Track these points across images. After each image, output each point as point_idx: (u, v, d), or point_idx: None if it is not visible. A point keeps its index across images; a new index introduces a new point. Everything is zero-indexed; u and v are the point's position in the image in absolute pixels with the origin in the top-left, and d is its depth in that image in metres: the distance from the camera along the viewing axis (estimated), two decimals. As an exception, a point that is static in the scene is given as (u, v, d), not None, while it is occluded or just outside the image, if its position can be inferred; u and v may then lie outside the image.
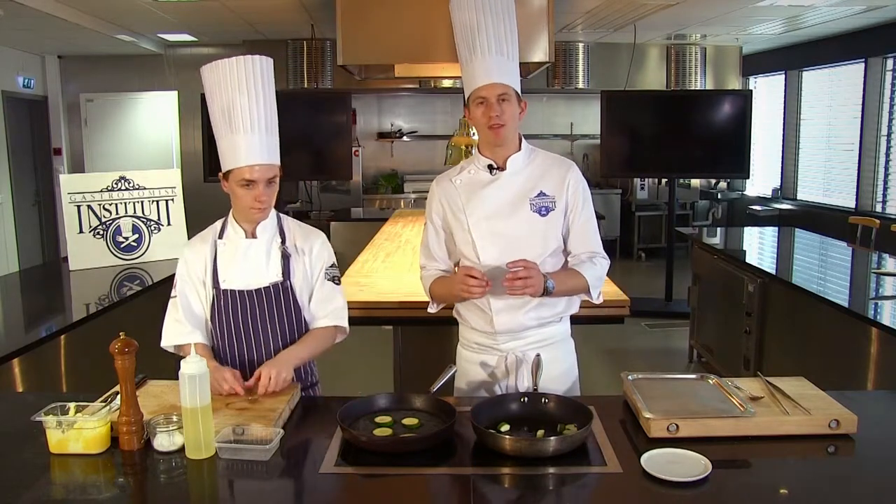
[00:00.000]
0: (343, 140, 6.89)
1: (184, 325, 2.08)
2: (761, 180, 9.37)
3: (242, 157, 1.99)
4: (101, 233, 4.08)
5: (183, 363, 1.64)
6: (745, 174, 7.02)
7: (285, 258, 2.11)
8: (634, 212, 9.50)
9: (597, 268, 2.15)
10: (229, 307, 2.09)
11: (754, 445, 1.70)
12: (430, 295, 2.27)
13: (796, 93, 8.68)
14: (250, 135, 1.99)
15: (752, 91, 7.74)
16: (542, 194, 2.12)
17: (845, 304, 3.34)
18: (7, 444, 1.74)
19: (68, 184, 4.05)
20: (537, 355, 2.08)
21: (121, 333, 1.68)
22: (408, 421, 1.80)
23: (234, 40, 8.48)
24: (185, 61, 9.03)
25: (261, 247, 2.10)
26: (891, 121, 7.09)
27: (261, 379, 1.93)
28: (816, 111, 8.40)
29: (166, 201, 4.28)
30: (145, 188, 4.21)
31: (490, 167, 2.13)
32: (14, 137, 8.12)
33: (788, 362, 3.81)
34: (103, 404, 1.80)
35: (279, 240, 2.12)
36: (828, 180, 8.19)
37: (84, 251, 4.01)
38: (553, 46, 4.86)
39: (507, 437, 1.68)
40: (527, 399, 1.89)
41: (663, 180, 8.80)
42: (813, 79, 8.46)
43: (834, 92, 8.07)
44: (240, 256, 2.09)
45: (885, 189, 7.21)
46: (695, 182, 9.56)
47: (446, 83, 7.23)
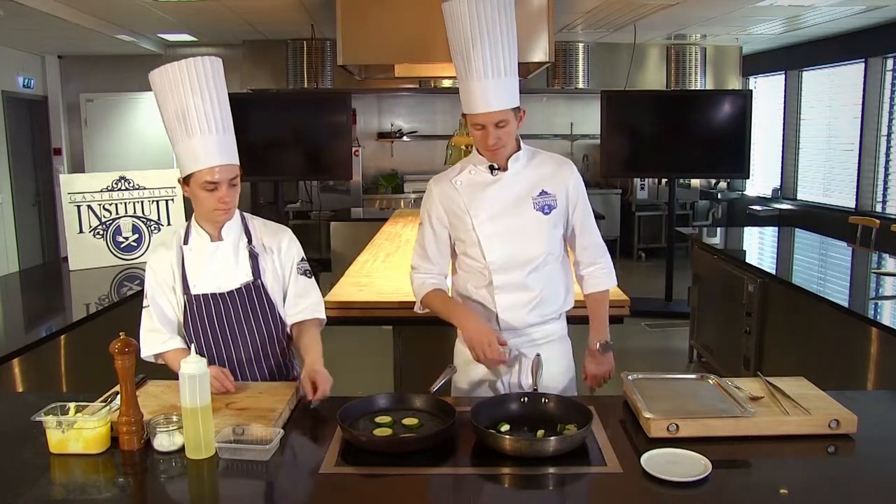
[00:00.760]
0: (343, 140, 6.89)
1: (161, 334, 2.07)
2: (761, 180, 9.37)
3: (202, 160, 1.96)
4: (101, 233, 4.08)
5: (183, 363, 1.64)
6: (745, 174, 7.02)
7: (254, 257, 2.11)
8: (634, 212, 9.50)
9: (602, 270, 2.27)
10: (202, 311, 2.08)
11: (754, 445, 1.70)
12: (419, 299, 2.26)
13: (796, 93, 8.68)
14: (208, 136, 1.96)
15: (752, 91, 7.74)
16: (543, 193, 2.14)
17: (845, 304, 3.34)
18: (7, 444, 1.74)
19: (68, 184, 4.05)
20: (537, 355, 2.10)
21: (121, 333, 1.68)
22: (408, 421, 1.80)
23: (234, 40, 8.47)
24: (185, 61, 9.02)
25: (228, 248, 2.08)
26: (891, 121, 7.09)
27: (317, 392, 1.92)
28: (816, 111, 8.40)
29: (166, 201, 4.28)
30: (145, 188, 4.21)
31: (491, 168, 2.14)
32: (14, 137, 8.12)
33: (788, 362, 3.81)
34: (103, 404, 1.80)
35: (245, 240, 2.11)
36: (828, 180, 8.19)
37: (84, 251, 4.01)
38: (553, 46, 4.86)
39: (507, 437, 1.68)
40: (527, 399, 1.89)
41: (663, 180, 8.80)
42: (813, 79, 8.46)
43: (834, 92, 8.06)
44: (207, 260, 2.07)
45: (885, 189, 7.21)
46: (695, 182, 9.56)
47: (446, 83, 7.23)
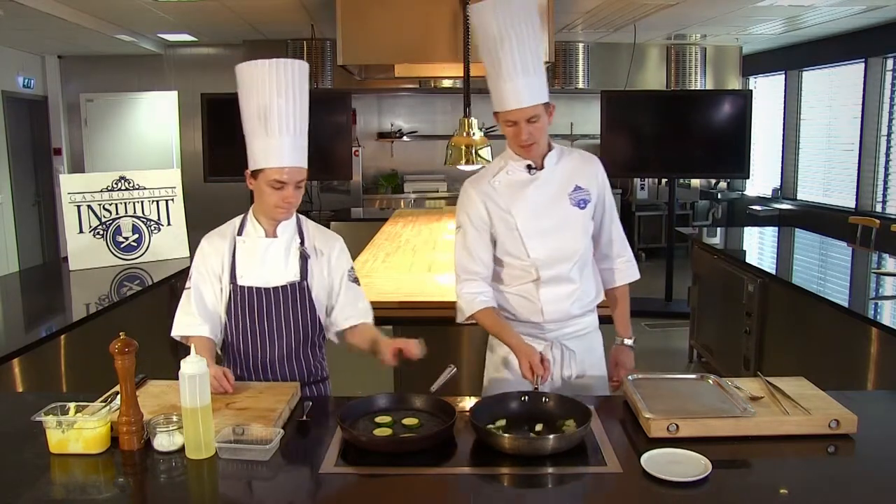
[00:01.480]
0: (343, 140, 6.88)
1: (194, 318, 2.10)
2: (761, 180, 9.37)
3: (274, 159, 2.02)
4: (101, 233, 4.07)
5: (183, 363, 1.64)
6: (745, 174, 7.02)
7: (304, 259, 2.14)
8: (634, 212, 9.50)
9: (628, 263, 2.34)
10: (245, 303, 2.11)
11: (754, 445, 1.70)
12: (466, 310, 2.23)
13: (796, 93, 8.68)
14: (284, 137, 2.02)
15: (752, 91, 7.74)
16: (578, 188, 2.20)
17: (845, 304, 3.34)
18: (7, 444, 1.74)
19: (68, 184, 4.05)
20: (539, 353, 2.10)
21: (121, 333, 1.68)
22: (408, 421, 1.80)
23: (234, 40, 8.48)
24: (185, 61, 9.03)
25: (280, 246, 2.12)
26: (891, 121, 7.09)
27: (414, 350, 1.99)
28: (816, 111, 8.40)
29: (166, 201, 4.28)
30: (145, 188, 4.21)
31: (528, 167, 2.18)
32: (14, 137, 8.12)
33: (788, 362, 3.81)
34: (103, 404, 1.80)
35: (298, 240, 2.15)
36: (828, 180, 8.19)
37: (84, 251, 4.01)
38: (553, 46, 4.86)
39: (506, 435, 1.68)
40: (527, 398, 1.90)
41: (663, 180, 8.80)
42: (813, 79, 8.46)
43: (834, 92, 8.06)
44: (259, 254, 2.11)
45: (885, 189, 7.21)
46: (695, 182, 9.56)
47: (446, 83, 7.24)
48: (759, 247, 5.33)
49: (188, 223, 4.41)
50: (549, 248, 2.16)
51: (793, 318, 3.80)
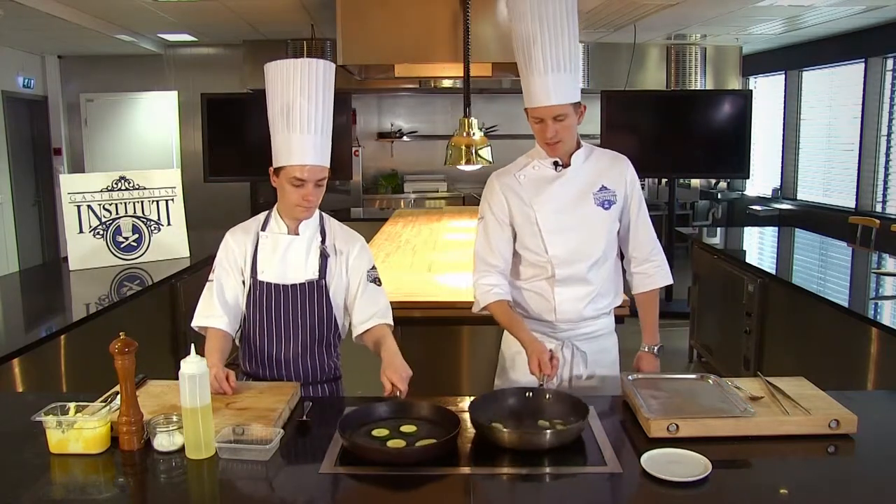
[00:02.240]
0: (343, 140, 6.87)
1: (214, 310, 2.13)
2: (761, 180, 9.37)
3: (296, 157, 2.04)
4: (101, 233, 4.07)
5: (183, 363, 1.64)
6: (745, 174, 7.01)
7: (324, 257, 2.15)
8: (634, 212, 9.49)
9: (658, 268, 2.30)
10: (263, 298, 2.14)
11: (754, 445, 1.70)
12: (482, 305, 2.23)
13: (796, 93, 8.68)
14: (306, 135, 2.05)
15: (752, 91, 7.73)
16: (603, 188, 2.19)
17: (845, 304, 3.34)
18: (7, 444, 1.74)
19: (68, 184, 4.05)
20: (549, 351, 2.10)
21: (121, 333, 1.68)
22: (406, 428, 1.79)
23: (234, 40, 8.47)
24: (185, 61, 9.02)
25: (301, 244, 2.15)
26: (891, 121, 7.09)
27: (394, 389, 1.93)
28: (816, 111, 8.40)
29: (166, 201, 4.28)
30: (145, 188, 4.21)
31: (555, 164, 2.18)
32: (14, 137, 8.12)
33: (788, 362, 3.81)
34: (103, 404, 1.80)
35: (319, 239, 2.17)
36: (828, 180, 8.19)
37: (84, 251, 4.01)
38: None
39: (505, 430, 1.68)
40: (531, 394, 1.91)
41: (663, 180, 8.80)
42: (813, 79, 8.46)
43: (834, 92, 8.06)
44: (280, 251, 2.14)
45: (885, 189, 7.20)
46: (695, 182, 9.55)
47: (446, 83, 7.23)
48: (759, 247, 5.33)
49: (188, 223, 4.41)
50: (568, 245, 2.16)
51: (793, 318, 3.80)
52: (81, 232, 4.02)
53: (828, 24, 7.11)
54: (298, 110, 2.04)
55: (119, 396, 1.72)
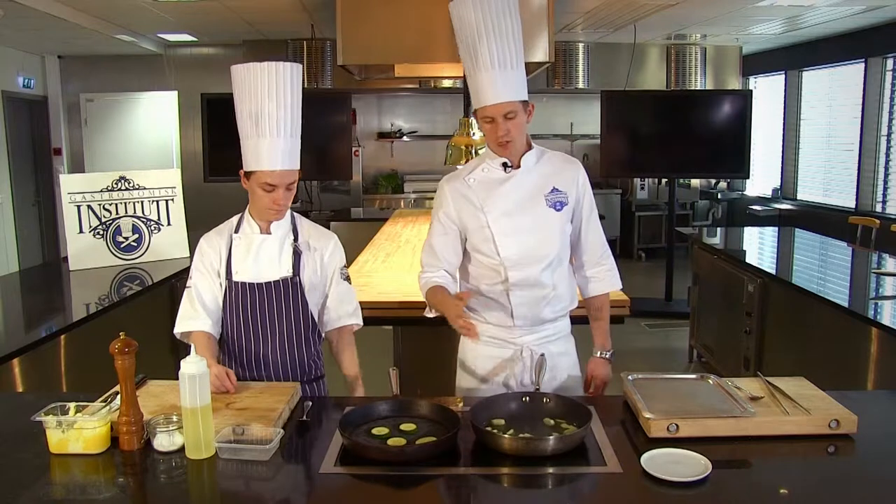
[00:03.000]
0: (343, 140, 6.88)
1: (195, 313, 2.14)
2: (761, 180, 9.37)
3: (265, 162, 2.06)
4: (101, 233, 4.07)
5: (183, 363, 1.64)
6: (745, 174, 7.02)
7: (296, 255, 2.17)
8: (634, 212, 9.50)
9: (608, 272, 2.29)
10: (239, 298, 2.15)
11: (754, 445, 1.70)
12: (426, 296, 2.24)
13: (796, 93, 8.68)
14: (276, 140, 2.06)
15: (752, 91, 7.74)
16: (555, 190, 2.16)
17: (845, 304, 3.34)
18: (7, 444, 1.74)
19: (68, 184, 4.05)
20: (541, 355, 2.09)
21: (121, 333, 1.68)
22: (406, 426, 1.79)
23: (234, 40, 8.48)
24: (185, 61, 9.03)
25: (274, 242, 2.17)
26: (891, 121, 7.09)
27: None
28: (816, 111, 8.40)
29: (166, 201, 4.28)
30: (145, 188, 4.21)
31: (504, 165, 2.15)
32: (14, 137, 8.12)
33: (788, 362, 3.81)
34: (103, 404, 1.80)
35: (292, 237, 2.19)
36: (828, 180, 8.19)
37: (84, 251, 4.01)
38: (553, 46, 4.86)
39: (506, 436, 1.68)
40: (528, 398, 1.89)
41: (663, 180, 8.80)
42: (813, 79, 8.46)
43: (834, 92, 8.06)
44: (253, 250, 2.16)
45: (885, 189, 7.21)
46: (695, 182, 9.56)
47: (446, 83, 7.24)
48: (759, 247, 5.33)
49: (188, 223, 4.41)
50: (520, 248, 2.13)
51: (793, 318, 3.80)
52: (81, 232, 4.02)
53: (828, 24, 7.11)
54: (267, 115, 2.04)
55: (119, 396, 1.72)
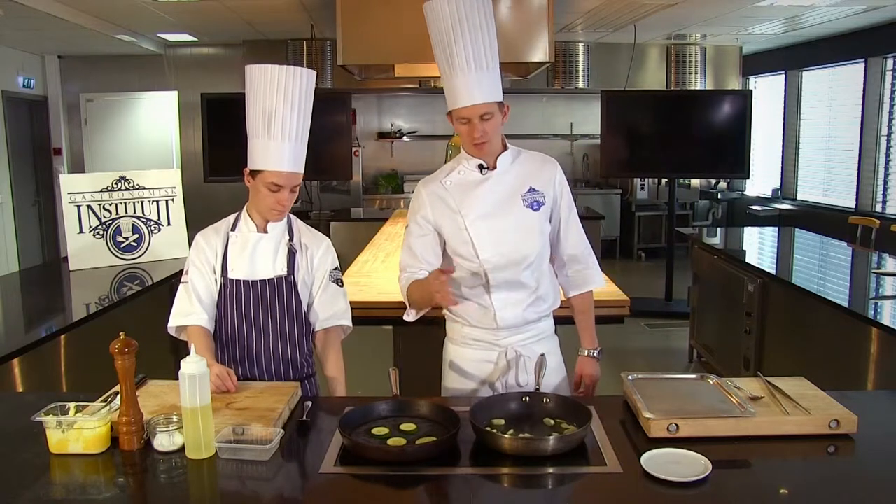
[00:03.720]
0: (343, 140, 6.88)
1: (191, 308, 2.15)
2: (761, 180, 9.37)
3: (273, 162, 2.08)
4: (101, 233, 4.07)
5: (183, 363, 1.64)
6: (745, 174, 7.02)
7: (291, 254, 2.19)
8: (634, 212, 9.51)
9: (589, 270, 2.28)
10: (234, 295, 2.17)
11: (754, 445, 1.70)
12: (407, 300, 2.23)
13: (796, 93, 8.68)
14: (286, 143, 2.08)
15: (752, 91, 7.73)
16: (532, 190, 2.16)
17: (845, 304, 3.34)
18: (7, 444, 1.74)
19: (68, 184, 4.05)
20: (541, 355, 2.09)
21: (121, 333, 1.68)
22: (406, 426, 1.79)
23: (234, 40, 8.47)
24: (185, 61, 9.03)
25: (270, 241, 2.19)
26: (891, 121, 7.09)
27: None
28: (816, 111, 8.40)
29: (166, 201, 4.28)
30: (145, 188, 4.21)
31: (480, 167, 2.15)
32: (14, 137, 8.12)
33: (788, 362, 3.81)
34: (103, 404, 1.79)
35: (287, 237, 2.21)
36: (828, 180, 8.19)
37: (84, 251, 4.01)
38: (553, 46, 4.87)
39: (506, 436, 1.68)
40: (528, 398, 1.89)
41: (663, 180, 8.80)
42: (813, 79, 8.46)
43: (834, 92, 8.07)
44: (249, 248, 2.18)
45: (885, 189, 7.21)
46: (695, 182, 9.56)
47: (446, 83, 7.22)
48: (759, 247, 5.33)
49: (188, 223, 4.41)
50: (499, 249, 2.12)
51: (793, 318, 3.80)
52: (81, 232, 4.02)
53: (828, 24, 7.11)
54: (280, 118, 2.06)
55: (119, 396, 1.72)
